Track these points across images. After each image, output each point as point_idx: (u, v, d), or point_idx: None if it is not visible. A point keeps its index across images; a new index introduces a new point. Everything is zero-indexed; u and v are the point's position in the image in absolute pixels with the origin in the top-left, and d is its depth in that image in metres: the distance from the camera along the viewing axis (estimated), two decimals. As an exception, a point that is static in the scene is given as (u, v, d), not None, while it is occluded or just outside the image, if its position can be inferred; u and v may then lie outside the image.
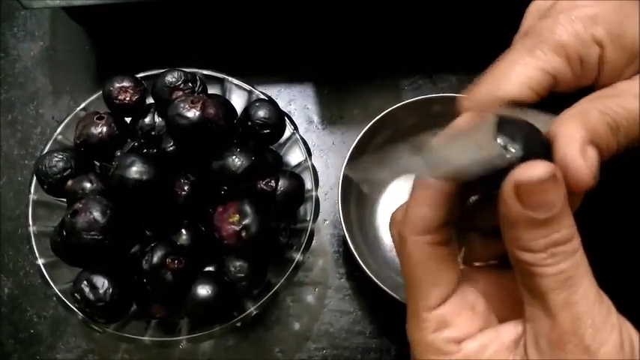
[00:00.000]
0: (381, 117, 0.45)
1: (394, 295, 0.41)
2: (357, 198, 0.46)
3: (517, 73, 0.23)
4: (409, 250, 0.23)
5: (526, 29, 0.26)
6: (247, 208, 0.35)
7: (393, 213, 0.27)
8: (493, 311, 0.25)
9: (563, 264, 0.20)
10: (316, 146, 0.50)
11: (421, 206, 0.23)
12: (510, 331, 0.23)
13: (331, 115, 0.51)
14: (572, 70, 0.23)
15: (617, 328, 0.21)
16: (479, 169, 0.20)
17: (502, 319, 0.24)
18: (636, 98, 0.23)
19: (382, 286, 0.41)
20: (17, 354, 0.44)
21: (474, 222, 0.26)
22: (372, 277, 0.41)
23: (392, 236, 0.27)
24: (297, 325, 0.45)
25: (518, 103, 0.23)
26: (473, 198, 0.26)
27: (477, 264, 0.26)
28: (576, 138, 0.21)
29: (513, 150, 0.20)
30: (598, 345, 0.20)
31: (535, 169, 0.20)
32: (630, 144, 0.23)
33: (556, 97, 0.24)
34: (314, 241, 0.39)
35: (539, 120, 0.22)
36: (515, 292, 0.23)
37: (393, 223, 0.26)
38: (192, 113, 0.35)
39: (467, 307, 0.24)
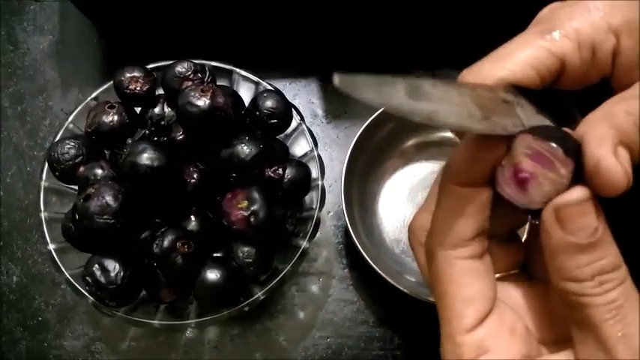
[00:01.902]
0: (383, 111, 0.45)
1: (396, 285, 0.41)
2: (360, 190, 0.47)
3: (523, 52, 0.22)
4: (439, 265, 0.21)
5: (536, 19, 0.25)
6: (256, 195, 0.36)
7: (412, 222, 0.25)
8: (534, 332, 0.23)
9: (614, 293, 0.19)
10: (320, 140, 0.51)
11: (450, 217, 0.21)
12: None
13: (335, 110, 0.52)
14: (582, 57, 0.22)
15: None
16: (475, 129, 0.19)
17: (545, 340, 0.23)
18: None
19: (384, 275, 0.41)
20: (25, 341, 0.45)
21: (490, 229, 0.23)
22: (375, 266, 0.42)
23: (412, 247, 0.25)
24: (301, 315, 0.46)
25: (519, 88, 0.22)
26: None
27: (498, 275, 0.24)
28: (607, 139, 0.19)
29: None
30: None
31: (572, 193, 0.19)
32: None
33: (555, 99, 0.23)
34: (318, 233, 0.40)
35: (532, 117, 0.21)
36: (551, 305, 0.22)
37: (413, 233, 0.25)
38: (202, 102, 0.35)
39: (506, 328, 0.21)
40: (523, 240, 0.26)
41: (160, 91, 0.41)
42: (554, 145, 0.19)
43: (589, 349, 0.20)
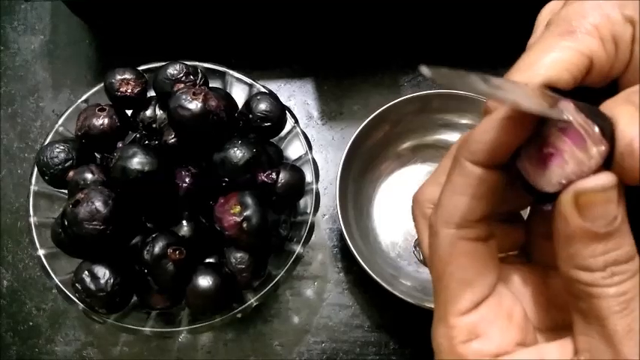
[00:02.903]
0: (380, 112, 0.45)
1: (391, 290, 0.41)
2: (355, 193, 0.47)
3: (553, 57, 0.21)
4: (440, 243, 0.21)
5: (547, 22, 0.24)
6: (249, 200, 0.35)
7: (418, 193, 0.24)
8: (531, 317, 0.22)
9: (625, 285, 0.18)
10: (316, 142, 0.50)
11: (459, 195, 0.20)
12: (557, 353, 0.20)
13: (331, 111, 0.52)
14: (607, 52, 0.21)
15: None
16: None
17: (541, 327, 0.22)
18: None
19: (379, 280, 0.41)
20: (16, 346, 0.44)
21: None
22: (369, 271, 0.41)
23: (415, 220, 0.24)
24: (296, 319, 0.45)
25: (555, 89, 0.21)
26: None
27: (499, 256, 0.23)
28: (637, 119, 0.18)
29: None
30: None
31: (599, 178, 0.18)
32: None
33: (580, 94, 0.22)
34: (313, 236, 0.39)
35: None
36: (549, 290, 0.22)
37: (418, 204, 0.24)
38: (194, 105, 0.35)
39: (503, 314, 0.21)
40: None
41: (152, 94, 0.41)
42: (590, 121, 0.18)
43: (592, 342, 0.19)
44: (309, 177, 0.40)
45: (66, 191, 0.38)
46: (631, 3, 0.22)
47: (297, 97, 0.52)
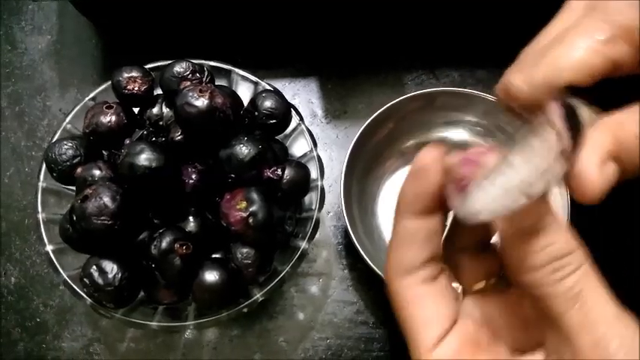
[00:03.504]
0: (384, 110, 0.45)
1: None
2: (359, 191, 0.47)
3: (580, 59, 0.21)
4: (396, 293, 0.22)
5: (585, 4, 0.24)
6: (254, 196, 0.35)
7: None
8: (505, 339, 0.23)
9: (570, 279, 0.19)
10: (320, 140, 0.50)
11: (401, 247, 0.22)
12: None
13: (335, 110, 0.52)
14: (635, 55, 0.22)
15: None
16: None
17: (518, 346, 0.23)
18: None
19: (384, 276, 0.41)
20: (23, 342, 0.45)
21: (459, 242, 0.24)
22: (374, 267, 0.41)
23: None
24: (301, 316, 0.46)
25: (571, 88, 0.21)
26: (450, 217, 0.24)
27: (477, 287, 0.24)
28: (601, 150, 0.20)
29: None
30: None
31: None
32: None
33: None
34: (318, 233, 0.39)
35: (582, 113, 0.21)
36: (524, 311, 0.22)
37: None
38: (201, 102, 0.35)
39: (469, 342, 0.22)
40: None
41: (159, 92, 0.41)
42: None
43: (556, 344, 0.20)
44: (314, 173, 0.40)
45: (73, 188, 0.39)
46: None
47: (302, 95, 0.52)
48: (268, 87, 0.42)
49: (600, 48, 0.21)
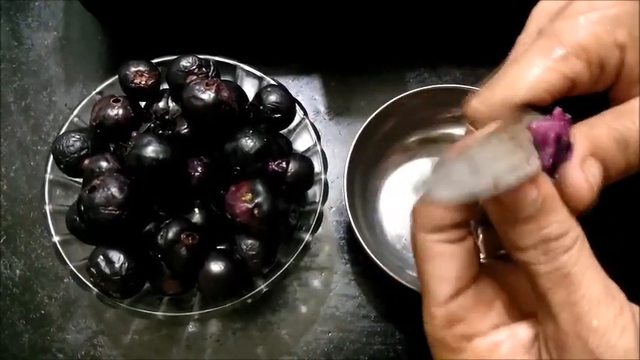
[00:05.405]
0: (386, 106, 0.46)
1: (398, 279, 0.41)
2: (361, 186, 0.48)
3: (535, 76, 0.22)
4: (419, 247, 0.24)
5: (539, 29, 0.25)
6: (260, 187, 0.36)
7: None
8: (519, 308, 0.24)
9: (558, 261, 0.20)
10: (323, 136, 0.50)
11: (431, 206, 0.23)
12: (526, 329, 0.23)
13: (338, 107, 0.52)
14: (591, 74, 0.22)
15: (629, 331, 0.19)
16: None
17: (531, 314, 0.23)
18: None
19: (386, 269, 0.41)
20: (28, 334, 0.45)
21: (481, 219, 0.25)
22: (377, 260, 0.42)
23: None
24: (303, 309, 0.46)
25: (529, 106, 0.22)
26: None
27: (500, 252, 0.26)
28: (581, 154, 0.21)
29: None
30: (603, 350, 0.19)
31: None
32: None
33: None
34: (320, 228, 0.40)
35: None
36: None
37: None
38: (207, 95, 0.36)
39: (482, 302, 0.23)
40: None
41: (165, 86, 0.42)
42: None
43: (542, 314, 0.21)
44: (317, 168, 0.41)
45: (80, 180, 0.39)
46: (624, 29, 0.22)
47: (305, 92, 0.53)
48: (273, 82, 0.42)
49: (555, 65, 0.22)
